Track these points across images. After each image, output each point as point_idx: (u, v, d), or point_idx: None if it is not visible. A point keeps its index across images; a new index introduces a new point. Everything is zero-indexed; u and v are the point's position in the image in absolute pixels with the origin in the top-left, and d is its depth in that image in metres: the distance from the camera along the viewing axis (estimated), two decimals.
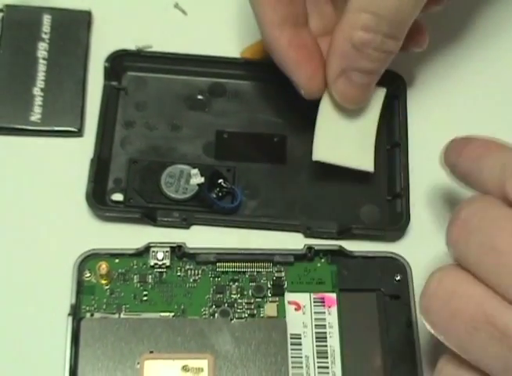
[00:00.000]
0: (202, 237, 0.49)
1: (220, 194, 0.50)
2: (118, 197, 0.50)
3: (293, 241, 0.49)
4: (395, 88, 0.52)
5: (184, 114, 0.52)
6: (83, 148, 0.51)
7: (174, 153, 0.51)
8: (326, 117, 0.50)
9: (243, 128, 0.52)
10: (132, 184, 0.50)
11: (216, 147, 0.52)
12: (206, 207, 0.49)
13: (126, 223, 0.49)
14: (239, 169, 0.51)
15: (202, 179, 0.49)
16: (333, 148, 0.49)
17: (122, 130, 0.52)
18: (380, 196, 0.51)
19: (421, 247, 0.48)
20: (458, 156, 0.42)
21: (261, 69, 0.52)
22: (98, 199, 0.49)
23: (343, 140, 0.49)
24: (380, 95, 0.50)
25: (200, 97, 0.53)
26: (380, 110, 0.50)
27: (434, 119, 0.51)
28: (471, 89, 0.54)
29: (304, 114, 0.51)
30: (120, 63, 0.52)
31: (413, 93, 0.53)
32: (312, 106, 0.50)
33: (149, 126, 0.52)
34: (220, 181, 0.50)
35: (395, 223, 0.49)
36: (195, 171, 0.49)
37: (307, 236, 0.49)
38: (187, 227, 0.49)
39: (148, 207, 0.49)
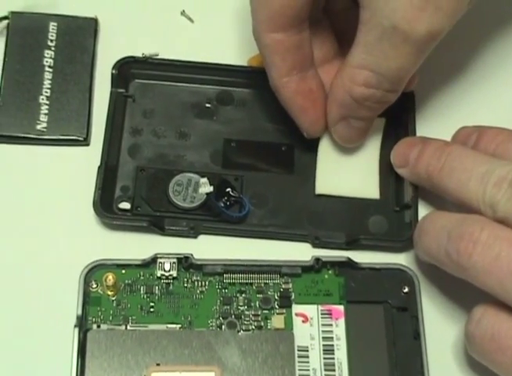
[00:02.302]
0: (209, 247, 0.49)
1: (228, 203, 0.49)
2: (125, 205, 0.50)
3: (301, 251, 0.49)
4: (404, 100, 0.51)
5: (191, 122, 0.52)
6: (89, 157, 0.50)
7: (182, 162, 0.51)
8: (327, 150, 0.51)
9: (251, 137, 0.52)
10: (140, 192, 0.50)
11: (223, 156, 0.51)
12: (214, 216, 0.49)
13: (133, 232, 0.49)
14: (247, 178, 0.51)
15: (211, 188, 0.49)
16: (336, 181, 0.50)
17: (129, 137, 0.51)
18: (389, 206, 0.50)
19: None
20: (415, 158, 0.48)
21: None
22: (105, 207, 0.48)
23: (345, 172, 0.50)
24: (380, 125, 0.51)
25: (207, 105, 0.53)
26: (380, 140, 0.51)
27: (443, 131, 0.50)
28: (480, 103, 0.54)
29: None
30: (127, 70, 0.52)
31: (422, 106, 0.53)
32: None
33: (156, 134, 0.52)
34: (228, 190, 0.50)
35: (404, 234, 0.49)
36: (204, 180, 0.49)
37: (315, 246, 0.49)
38: (195, 236, 0.49)
39: (155, 215, 0.49)
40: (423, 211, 0.49)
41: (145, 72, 0.52)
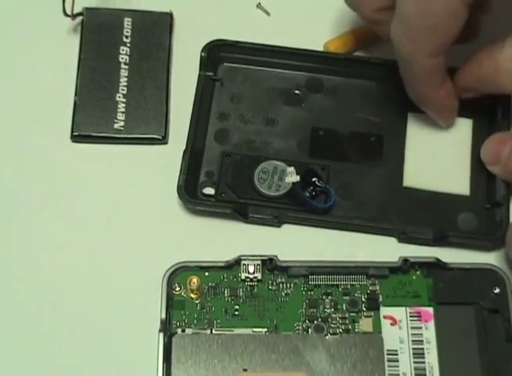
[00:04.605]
0: (293, 236, 0.48)
1: (313, 193, 0.48)
2: (210, 190, 0.49)
3: (386, 245, 0.48)
4: (500, 96, 0.49)
5: (279, 109, 0.51)
6: (168, 156, 0.50)
7: (268, 149, 0.50)
8: (416, 143, 0.50)
9: (339, 126, 0.51)
10: (224, 178, 0.49)
11: (311, 144, 0.50)
12: (298, 205, 0.48)
13: (217, 218, 0.48)
14: (334, 168, 0.49)
15: (297, 178, 0.48)
16: (425, 174, 0.49)
17: (216, 122, 0.51)
18: (479, 203, 0.49)
19: None
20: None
21: (360, 66, 0.51)
22: (189, 192, 0.48)
23: (434, 166, 0.49)
24: (467, 125, 0.50)
25: (296, 92, 0.51)
26: (471, 135, 0.50)
27: None
28: None
29: (403, 114, 0.50)
30: (216, 53, 0.51)
31: None
32: (412, 106, 0.49)
33: (243, 119, 0.51)
34: (314, 179, 0.48)
35: (494, 233, 0.47)
36: (291, 169, 0.48)
37: (401, 241, 0.48)
38: (278, 225, 0.48)
39: (239, 202, 0.48)
40: None
41: (234, 56, 0.51)
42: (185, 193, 0.47)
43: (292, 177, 0.48)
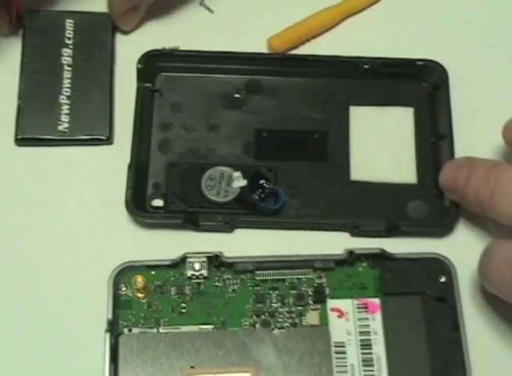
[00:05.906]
0: (245, 241, 0.48)
1: (262, 195, 0.48)
2: (158, 202, 0.49)
3: (340, 241, 0.48)
4: (437, 78, 0.50)
5: (221, 114, 0.51)
6: (114, 155, 0.50)
7: (214, 155, 0.50)
8: (360, 136, 0.50)
9: (283, 126, 0.51)
10: (172, 188, 0.49)
11: (256, 147, 0.50)
12: (249, 209, 0.48)
13: (167, 229, 0.48)
14: (281, 168, 0.49)
15: (245, 182, 0.48)
16: (371, 166, 0.49)
17: (159, 133, 0.50)
18: (427, 190, 0.49)
19: (469, 245, 0.47)
20: None
21: (298, 64, 0.51)
22: (138, 205, 0.48)
23: (379, 157, 0.49)
24: (409, 114, 0.50)
25: (236, 95, 0.51)
26: (413, 125, 0.50)
27: (480, 109, 0.50)
28: None
29: (345, 109, 0.51)
30: (153, 63, 0.51)
31: (457, 83, 0.51)
32: (354, 99, 0.50)
33: (186, 127, 0.51)
34: (262, 182, 0.48)
35: (444, 218, 0.48)
36: (237, 174, 0.48)
37: (354, 235, 0.48)
38: (230, 231, 0.48)
39: (189, 211, 0.48)
40: None
41: (171, 65, 0.51)
42: (133, 207, 0.47)
43: (239, 181, 0.48)
